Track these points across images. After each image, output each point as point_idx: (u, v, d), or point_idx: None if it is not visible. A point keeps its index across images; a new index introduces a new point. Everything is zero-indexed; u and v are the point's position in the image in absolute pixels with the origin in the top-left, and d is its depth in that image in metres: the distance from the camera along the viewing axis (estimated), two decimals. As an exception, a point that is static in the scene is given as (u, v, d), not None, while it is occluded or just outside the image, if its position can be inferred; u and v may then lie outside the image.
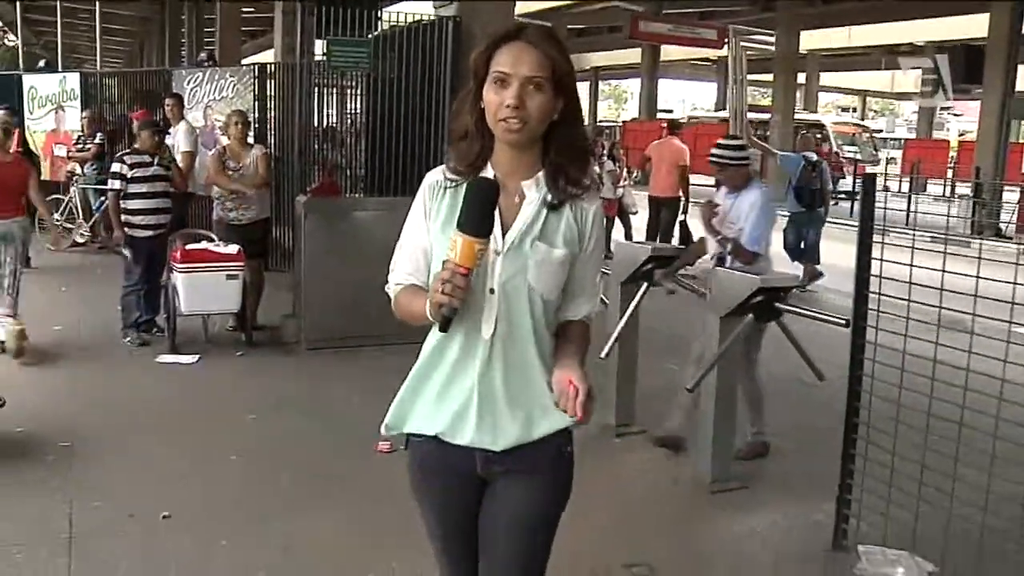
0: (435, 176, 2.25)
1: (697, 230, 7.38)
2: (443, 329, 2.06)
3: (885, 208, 4.02)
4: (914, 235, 3.86)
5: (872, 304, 4.04)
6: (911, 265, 3.79)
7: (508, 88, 2.08)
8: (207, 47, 25.64)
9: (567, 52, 2.16)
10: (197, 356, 7.30)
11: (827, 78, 47.37)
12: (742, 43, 10.90)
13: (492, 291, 2.13)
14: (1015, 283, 3.51)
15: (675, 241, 12.22)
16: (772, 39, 12.20)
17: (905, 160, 33.70)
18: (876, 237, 4.01)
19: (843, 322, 4.22)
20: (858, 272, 4.10)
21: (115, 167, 7.71)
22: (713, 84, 44.26)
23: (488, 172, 2.19)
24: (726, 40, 11.07)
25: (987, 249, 5.66)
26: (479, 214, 2.02)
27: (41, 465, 5.00)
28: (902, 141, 40.54)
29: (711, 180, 13.80)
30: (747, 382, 5.29)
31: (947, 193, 26.09)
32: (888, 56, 37.14)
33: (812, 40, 33.22)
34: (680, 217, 12.80)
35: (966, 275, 3.65)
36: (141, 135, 7.88)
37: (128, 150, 7.90)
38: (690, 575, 4.17)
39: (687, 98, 69.24)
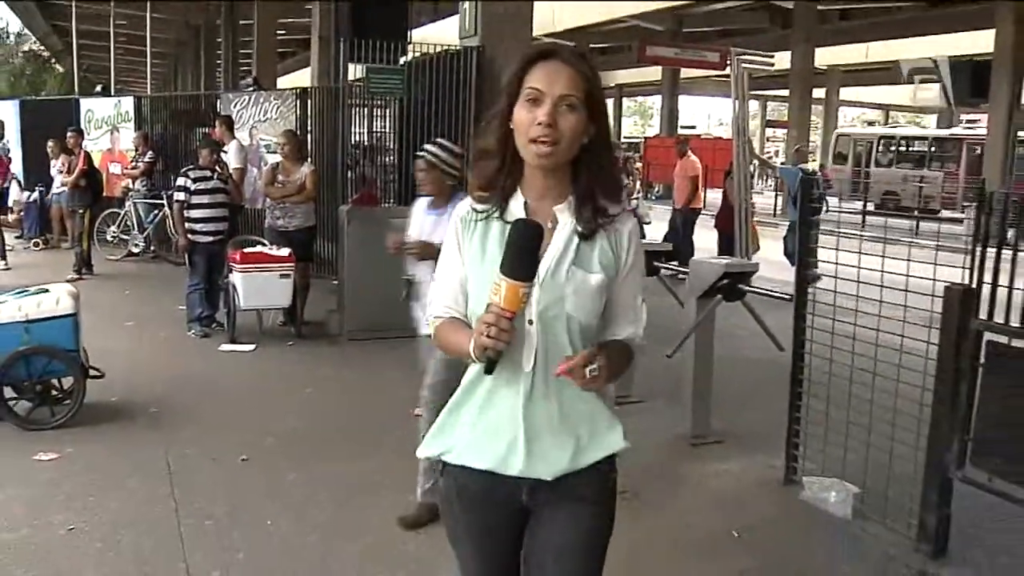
0: (464, 208, 2.22)
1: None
2: (488, 371, 2.06)
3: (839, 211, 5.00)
4: (838, 235, 4.84)
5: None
6: (836, 263, 4.78)
7: (541, 106, 2.06)
8: (243, 70, 26.91)
9: (600, 76, 2.15)
10: (254, 345, 8.36)
11: (850, 93, 48.31)
12: (743, 64, 11.82)
13: (531, 322, 2.09)
14: (908, 275, 4.48)
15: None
16: (772, 60, 13.11)
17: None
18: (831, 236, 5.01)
19: (787, 297, 5.22)
20: (799, 267, 5.12)
21: (180, 181, 8.79)
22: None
23: (518, 198, 2.17)
24: (728, 62, 12.02)
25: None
26: (524, 258, 2.01)
27: (136, 425, 6.09)
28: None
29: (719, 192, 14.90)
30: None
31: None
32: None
33: (830, 56, 34.24)
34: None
35: (880, 270, 4.62)
36: (202, 153, 8.97)
37: (191, 166, 8.97)
38: (669, 499, 5.13)
39: (713, 113, 70.22)
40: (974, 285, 4.12)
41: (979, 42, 25.97)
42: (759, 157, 13.26)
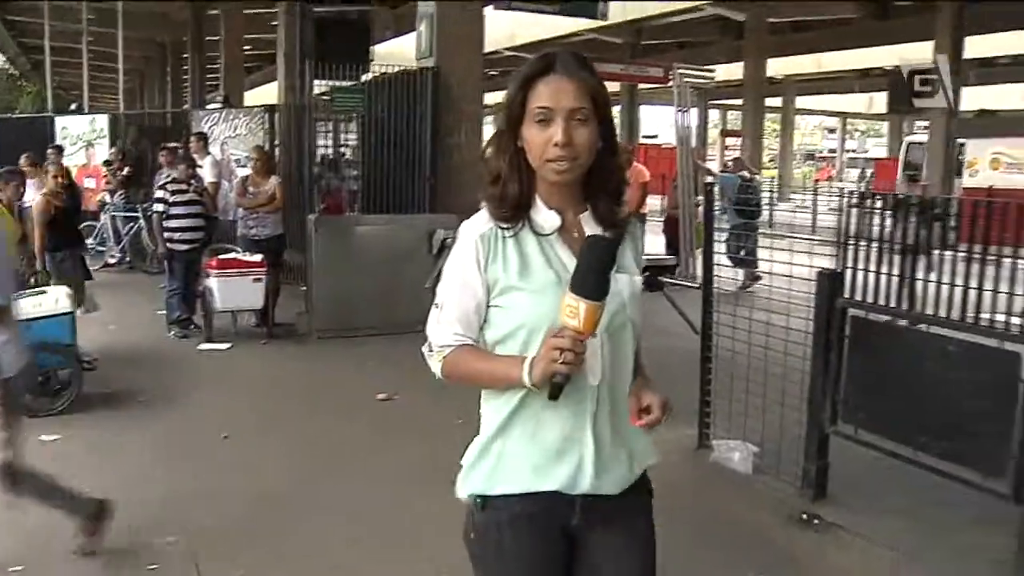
0: (480, 227, 2.11)
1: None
2: (554, 397, 1.94)
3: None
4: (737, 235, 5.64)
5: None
6: (735, 255, 5.59)
7: (552, 125, 2.01)
8: (211, 85, 27.52)
9: (601, 79, 2.12)
10: (230, 344, 9.07)
11: (807, 101, 49.55)
12: (685, 79, 12.70)
13: (594, 335, 1.97)
14: (792, 263, 5.30)
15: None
16: (713, 73, 14.00)
17: (876, 178, 35.64)
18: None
19: (697, 286, 6.04)
20: (705, 261, 5.94)
21: (159, 193, 9.51)
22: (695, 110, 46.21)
23: (544, 210, 2.10)
24: (670, 76, 12.89)
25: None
26: (601, 275, 1.93)
27: (128, 411, 6.83)
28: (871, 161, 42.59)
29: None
30: None
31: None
32: (862, 80, 39.47)
33: (785, 66, 35.36)
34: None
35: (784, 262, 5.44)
36: (179, 167, 9.70)
37: (169, 179, 9.68)
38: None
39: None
40: (839, 271, 4.96)
41: (921, 53, 27.04)
42: (701, 165, 14.09)
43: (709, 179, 11.62)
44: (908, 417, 4.60)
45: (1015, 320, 4.32)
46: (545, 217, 2.10)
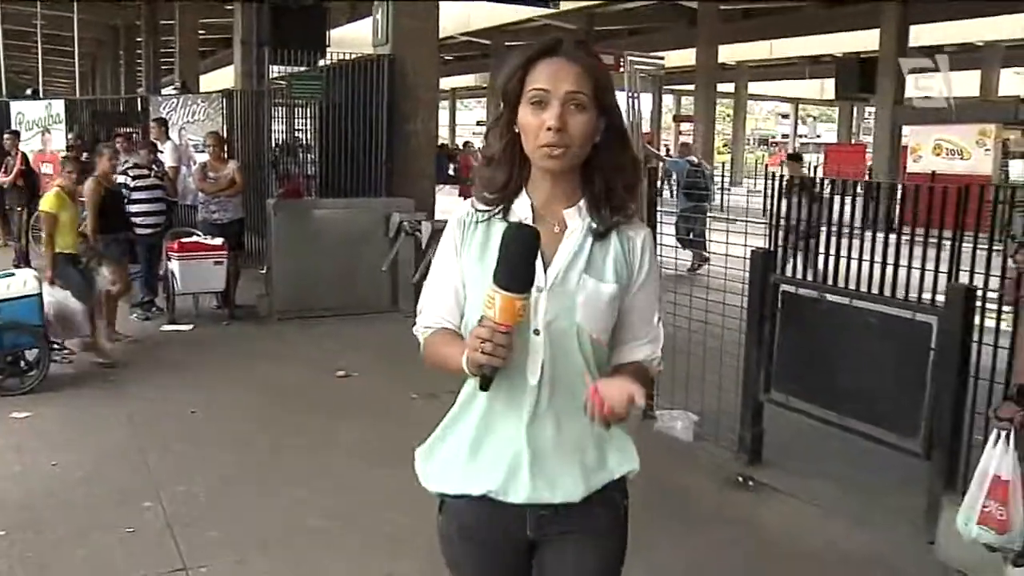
0: (463, 210, 2.08)
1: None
2: (484, 388, 1.88)
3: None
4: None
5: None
6: (685, 237, 5.95)
7: (548, 108, 1.91)
8: (164, 69, 27.49)
9: (606, 68, 2.04)
10: (192, 325, 9.29)
11: (760, 87, 50.28)
12: (635, 66, 13.08)
13: (536, 332, 1.94)
14: (727, 243, 5.66)
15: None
16: (663, 60, 14.39)
17: (827, 163, 36.32)
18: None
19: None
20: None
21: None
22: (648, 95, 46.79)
23: (524, 199, 2.02)
24: (621, 64, 13.26)
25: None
26: (520, 267, 1.83)
27: (97, 389, 7.05)
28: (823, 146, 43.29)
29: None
30: None
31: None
32: (813, 66, 40.15)
33: (737, 52, 35.97)
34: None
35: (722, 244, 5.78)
36: (140, 153, 9.90)
37: (131, 164, 9.86)
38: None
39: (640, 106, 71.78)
40: (772, 249, 5.33)
41: (866, 41, 27.66)
42: (650, 150, 14.50)
43: (654, 163, 12.01)
44: (833, 384, 5.00)
45: (926, 295, 4.72)
46: (519, 207, 2.02)
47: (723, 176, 26.31)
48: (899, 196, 6.37)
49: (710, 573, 4.44)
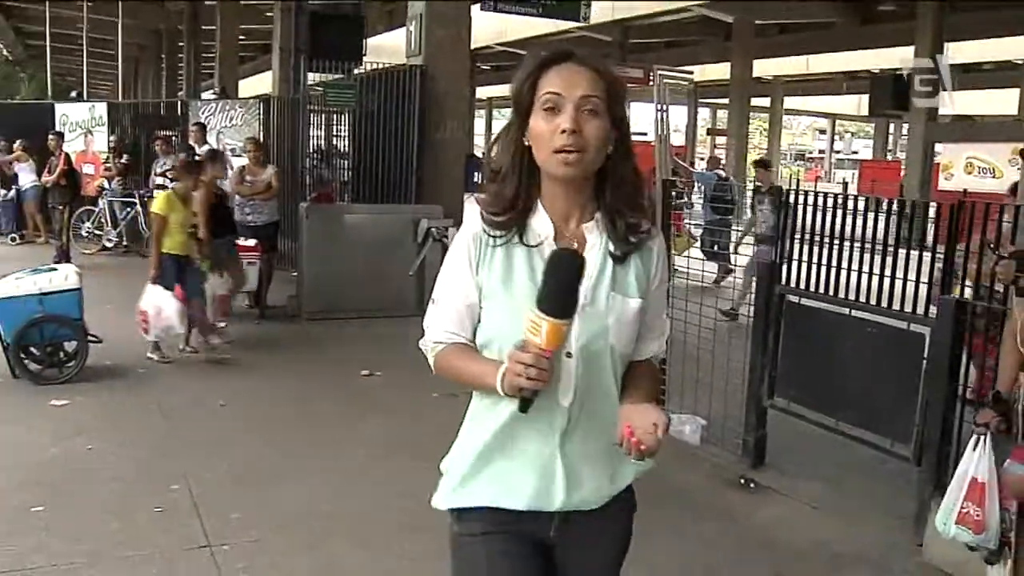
0: (477, 226, 2.02)
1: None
2: (523, 410, 1.90)
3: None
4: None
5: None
6: (709, 250, 6.16)
7: (561, 113, 1.89)
8: (205, 74, 28.01)
9: (620, 78, 2.01)
10: (224, 323, 9.58)
11: (796, 102, 50.13)
12: (664, 79, 13.24)
13: (569, 355, 1.94)
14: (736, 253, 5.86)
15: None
16: (692, 74, 14.59)
17: (862, 180, 36.20)
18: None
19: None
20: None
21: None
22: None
23: (542, 217, 1.99)
24: (651, 77, 13.43)
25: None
26: (566, 293, 1.84)
27: (130, 380, 7.39)
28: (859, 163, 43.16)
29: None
30: None
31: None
32: (850, 82, 40.12)
33: (773, 67, 35.99)
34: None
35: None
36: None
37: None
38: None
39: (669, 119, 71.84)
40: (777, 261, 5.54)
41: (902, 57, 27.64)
42: (679, 163, 14.67)
43: (675, 177, 12.17)
44: (831, 391, 5.21)
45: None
46: (539, 227, 1.99)
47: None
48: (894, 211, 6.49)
49: (703, 567, 4.64)
